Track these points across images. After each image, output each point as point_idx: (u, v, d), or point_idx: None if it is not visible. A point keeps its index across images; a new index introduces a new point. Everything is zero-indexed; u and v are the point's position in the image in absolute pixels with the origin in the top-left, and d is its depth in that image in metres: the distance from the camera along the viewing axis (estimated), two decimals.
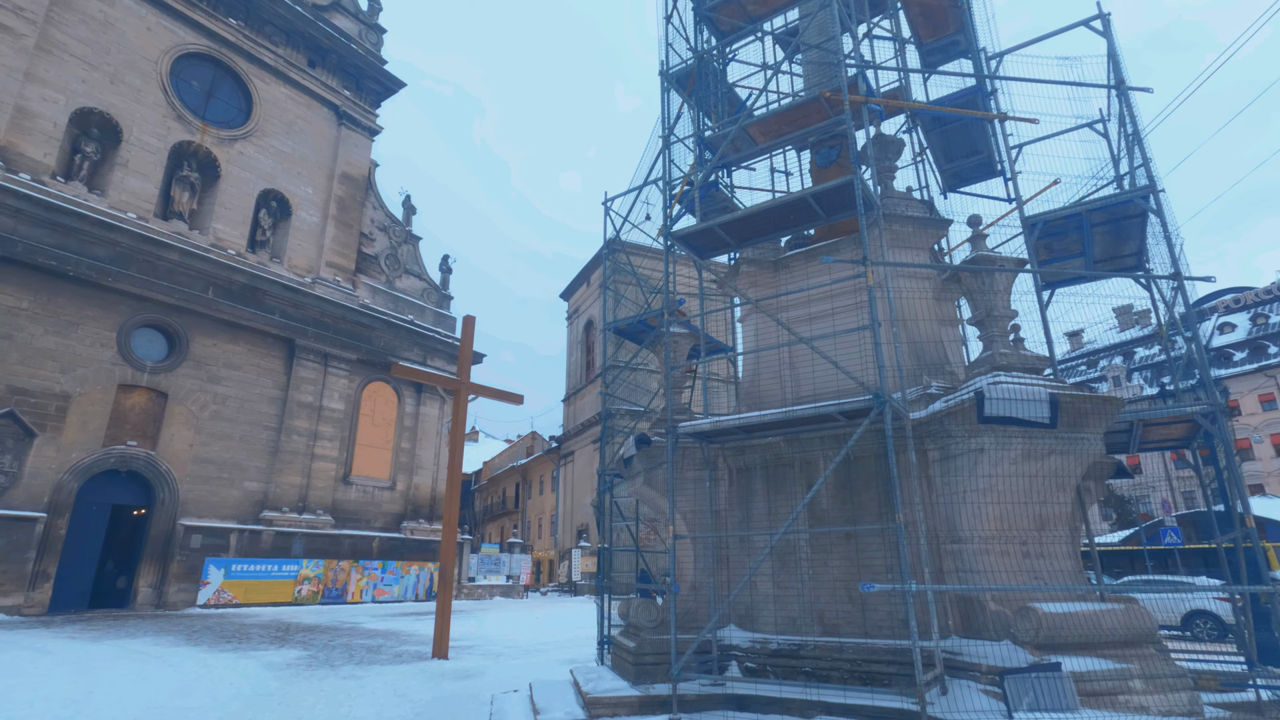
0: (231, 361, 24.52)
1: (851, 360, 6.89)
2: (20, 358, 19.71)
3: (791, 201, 6.87)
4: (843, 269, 7.06)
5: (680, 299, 7.98)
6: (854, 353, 6.95)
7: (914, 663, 5.15)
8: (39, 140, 21.17)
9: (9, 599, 18.16)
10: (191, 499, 22.65)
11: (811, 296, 8.03)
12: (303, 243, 27.86)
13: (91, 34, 22.85)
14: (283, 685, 9.20)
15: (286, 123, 28.19)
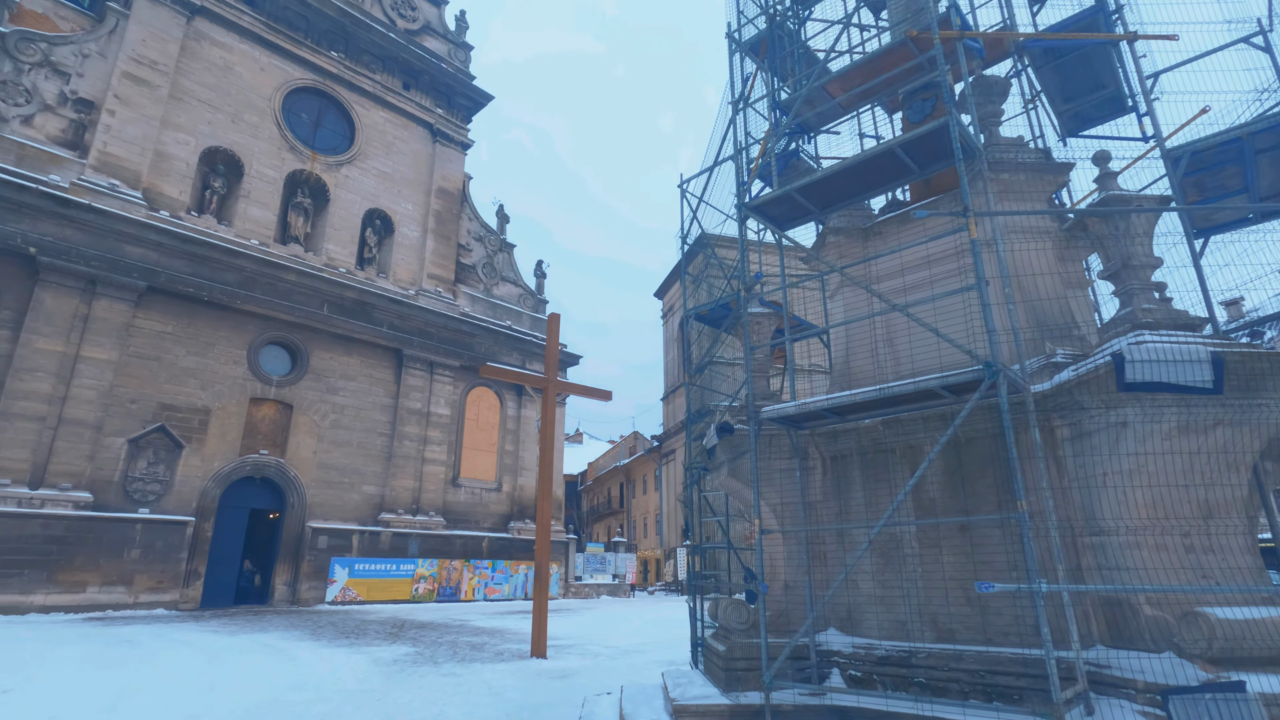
0: (347, 373, 26.06)
1: (957, 330, 6.06)
2: (168, 377, 21.80)
3: (877, 155, 6.14)
4: (940, 224, 6.23)
5: (758, 273, 7.40)
6: (960, 322, 6.11)
7: (1049, 676, 4.35)
8: (175, 179, 23.37)
9: (167, 595, 20.08)
10: (317, 502, 24.23)
11: (906, 264, 7.21)
12: (405, 257, 29.24)
13: (214, 79, 25.00)
14: (386, 681, 9.40)
15: (386, 144, 29.71)
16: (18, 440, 18.63)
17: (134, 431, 20.78)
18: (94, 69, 22.41)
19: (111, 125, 22.06)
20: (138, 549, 19.84)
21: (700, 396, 9.92)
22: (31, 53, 21.28)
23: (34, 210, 19.83)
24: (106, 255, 20.84)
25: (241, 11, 26.00)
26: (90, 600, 18.70)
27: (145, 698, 8.07)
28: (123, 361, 20.89)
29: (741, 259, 7.02)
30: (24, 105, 20.90)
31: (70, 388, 19.69)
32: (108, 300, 20.77)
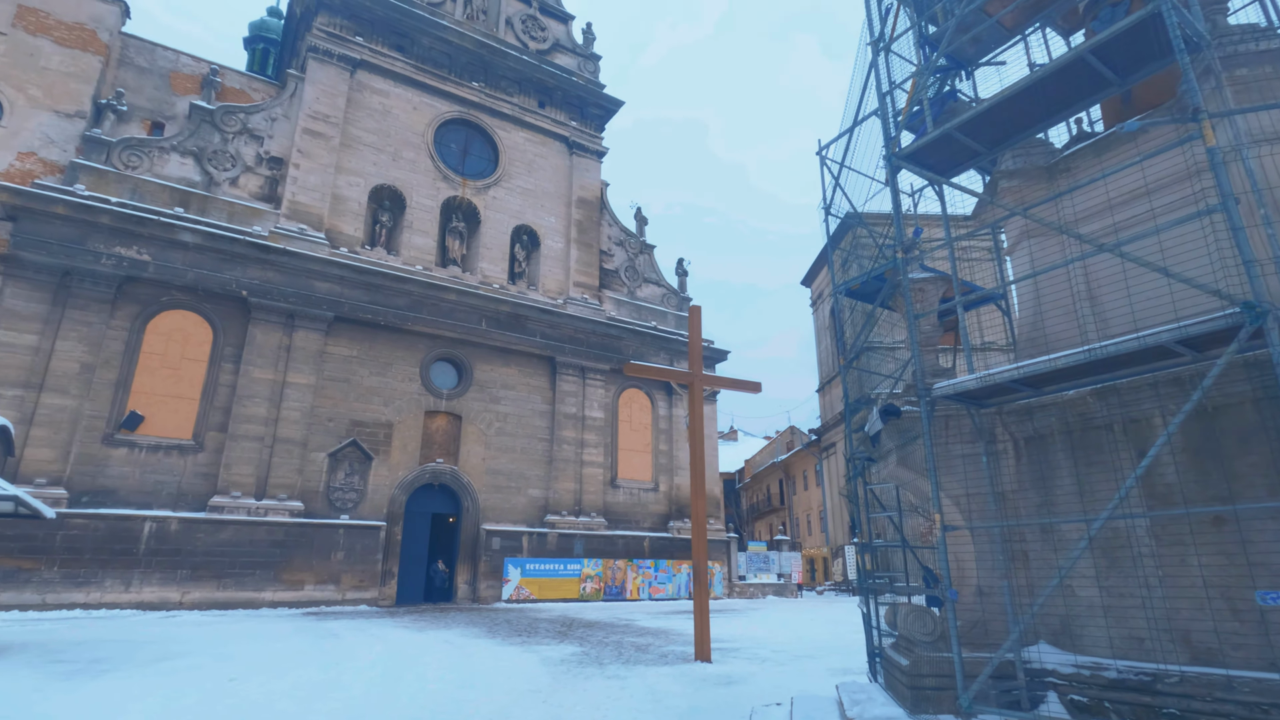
0: (506, 383, 27.46)
1: (1195, 271, 4.80)
2: (356, 396, 24.19)
3: (1063, 68, 5.04)
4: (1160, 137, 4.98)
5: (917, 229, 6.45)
6: (1197, 262, 4.84)
7: None
8: (350, 218, 25.95)
9: (368, 592, 22.20)
10: (488, 506, 25.72)
11: (1113, 201, 5.91)
12: (552, 268, 30.33)
13: (376, 123, 27.49)
14: (552, 682, 9.45)
15: (526, 162, 31.05)
16: (244, 458, 21.52)
17: (332, 446, 23.26)
18: (281, 130, 25.48)
19: (297, 177, 24.94)
20: (342, 551, 22.15)
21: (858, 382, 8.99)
22: (233, 123, 24.62)
23: (244, 258, 22.86)
24: (301, 292, 23.55)
25: (394, 59, 28.39)
26: (307, 597, 21.12)
27: (340, 693, 8.68)
28: (319, 384, 23.47)
29: (895, 218, 6.13)
30: (230, 169, 24.22)
31: (280, 410, 22.44)
32: (304, 331, 23.45)
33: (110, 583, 18.69)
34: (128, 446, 20.31)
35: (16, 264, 19.78)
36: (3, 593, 17.30)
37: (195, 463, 21.15)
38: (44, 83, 22.32)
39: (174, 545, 19.75)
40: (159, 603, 19.06)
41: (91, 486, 19.52)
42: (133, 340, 21.10)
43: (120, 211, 21.07)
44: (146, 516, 19.62)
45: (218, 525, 20.44)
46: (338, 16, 27.32)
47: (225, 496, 20.89)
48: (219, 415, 21.78)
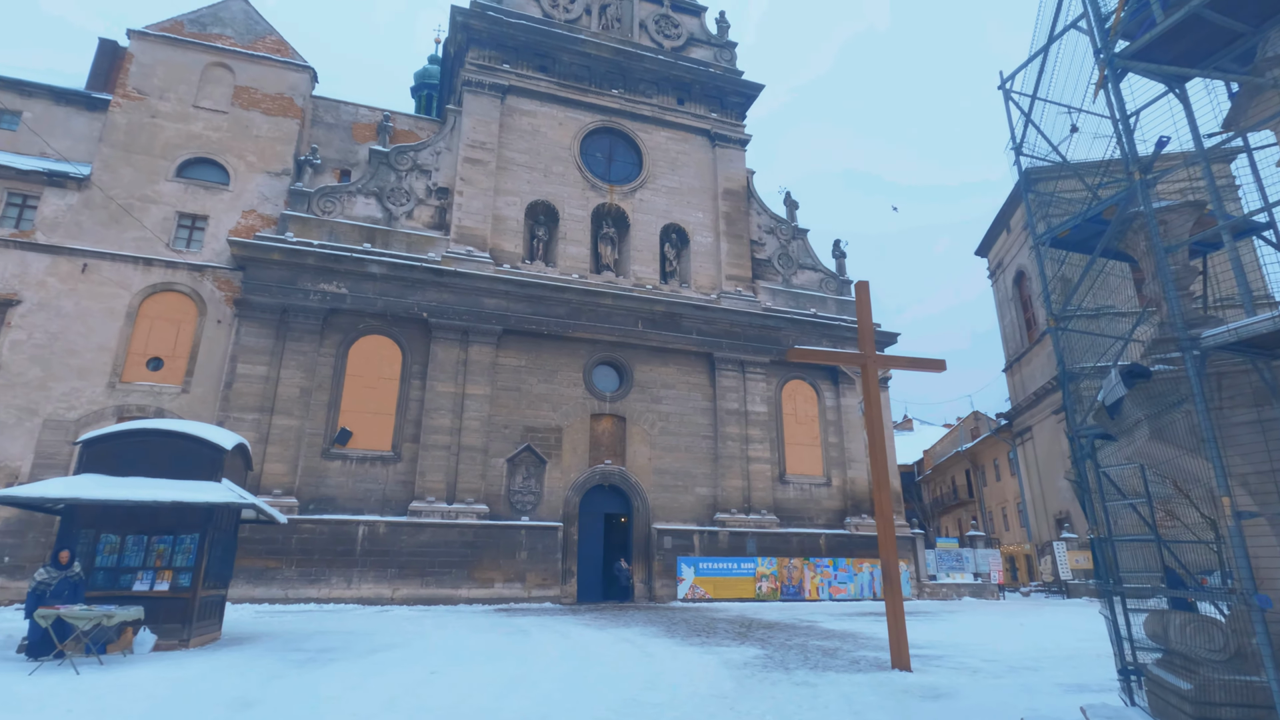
0: (666, 382, 27.51)
1: None
2: (527, 403, 25.43)
3: None
4: None
5: (1162, 137, 5.17)
6: None
7: None
8: (509, 236, 27.41)
9: (550, 590, 23.15)
10: (657, 505, 25.85)
11: None
12: (703, 263, 29.98)
13: (526, 143, 28.85)
14: (736, 687, 8.98)
15: (670, 161, 31.00)
16: (435, 466, 23.38)
17: (509, 452, 24.61)
18: (445, 162, 27.55)
19: (462, 203, 26.79)
20: (525, 551, 23.32)
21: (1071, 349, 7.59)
22: (405, 162, 27.00)
23: (422, 283, 24.93)
24: (472, 309, 25.22)
25: (539, 79, 29.64)
26: (497, 594, 22.45)
27: (531, 689, 8.84)
28: (494, 394, 24.95)
29: (1123, 133, 4.95)
30: (406, 204, 26.56)
31: (462, 420, 24.13)
32: (478, 345, 25.06)
33: (335, 580, 21.08)
34: (341, 459, 22.87)
35: (247, 306, 23.04)
36: (255, 588, 20.12)
37: (395, 471, 23.33)
38: (257, 149, 25.89)
39: (383, 546, 21.89)
40: (374, 598, 21.18)
41: (315, 495, 22.19)
42: (338, 365, 23.75)
43: (321, 252, 23.84)
44: (360, 521, 21.94)
45: (417, 528, 22.36)
46: (486, 49, 29.05)
47: (422, 501, 22.81)
48: (411, 428, 23.86)
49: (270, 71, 26.95)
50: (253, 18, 27.66)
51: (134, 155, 24.34)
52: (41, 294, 22.19)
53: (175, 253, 23.79)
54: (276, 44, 27.56)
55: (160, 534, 11.90)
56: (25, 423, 20.99)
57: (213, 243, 24.28)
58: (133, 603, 11.08)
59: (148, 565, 11.76)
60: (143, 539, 11.83)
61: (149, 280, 23.29)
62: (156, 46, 25.84)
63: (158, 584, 11.66)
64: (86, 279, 22.66)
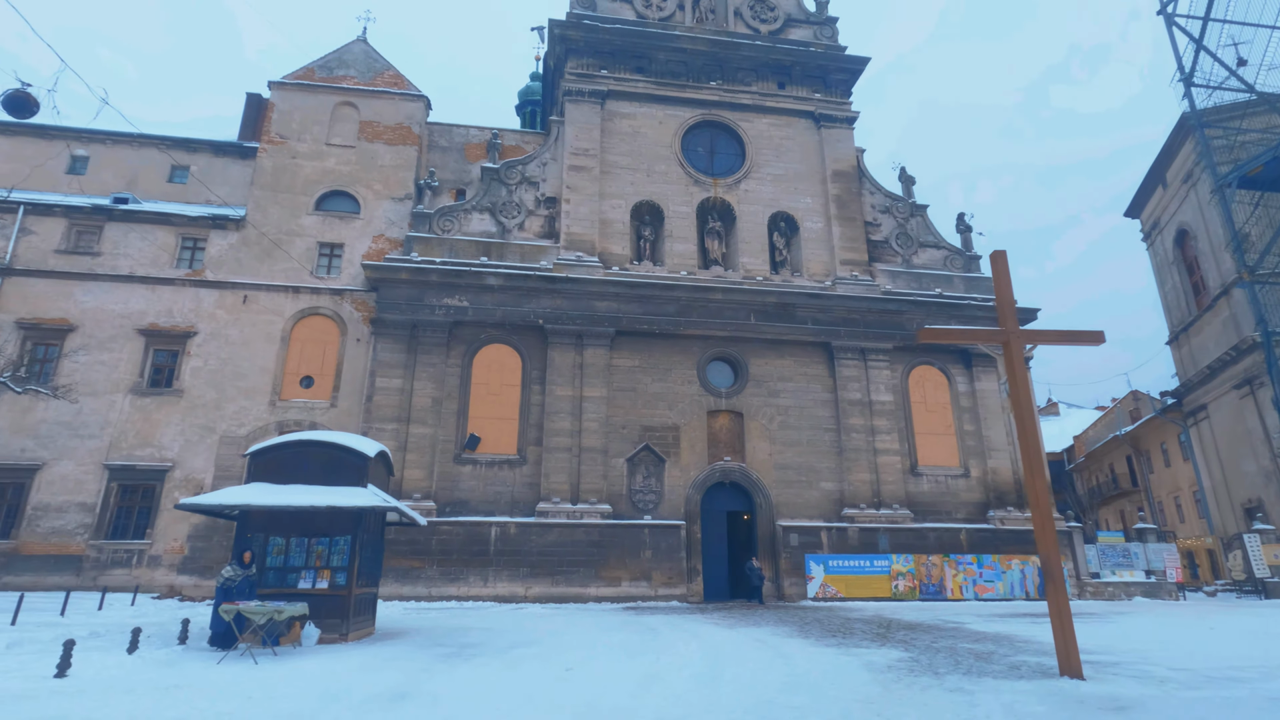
0: (783, 375, 26.74)
1: None
2: (643, 403, 25.58)
3: None
4: None
5: None
6: None
7: None
8: (616, 238, 27.72)
9: (676, 589, 23.12)
10: (781, 502, 25.16)
11: None
12: (815, 250, 28.91)
13: (628, 146, 29.08)
14: (883, 692, 8.41)
15: (774, 148, 30.16)
16: (558, 468, 24.03)
17: (628, 452, 24.84)
18: (551, 172, 28.32)
19: (569, 210, 27.42)
20: (649, 549, 23.43)
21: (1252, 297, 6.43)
22: (514, 176, 28.02)
23: (536, 291, 25.74)
24: (585, 313, 25.73)
25: (636, 81, 29.80)
26: (624, 592, 22.69)
27: (665, 687, 8.74)
28: (610, 395, 25.29)
29: None
30: (517, 216, 27.55)
31: (581, 422, 24.65)
32: (592, 348, 25.52)
33: (473, 578, 22.15)
34: (471, 464, 24.03)
35: (381, 324, 24.76)
36: (403, 586, 21.52)
37: (521, 474, 24.21)
38: (382, 178, 27.81)
39: (514, 546, 22.75)
40: (509, 596, 22.05)
41: (450, 499, 23.44)
42: (464, 374, 25.00)
43: (443, 269, 25.20)
44: (492, 522, 22.94)
45: (545, 528, 23.06)
46: (584, 57, 29.59)
47: (547, 503, 23.50)
48: (534, 431, 24.67)
49: (390, 104, 28.89)
50: (372, 56, 29.78)
51: (279, 194, 26.87)
52: (213, 324, 24.98)
53: (318, 279, 26.01)
54: (394, 78, 29.50)
55: (318, 536, 12.92)
56: (206, 439, 23.69)
57: (349, 268, 26.33)
58: (298, 599, 12.09)
59: (309, 565, 12.80)
60: (304, 541, 12.89)
61: (298, 306, 25.61)
62: (293, 94, 28.41)
63: (318, 582, 12.66)
64: (247, 309, 25.25)
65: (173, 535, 22.65)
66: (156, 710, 7.18)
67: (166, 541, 22.62)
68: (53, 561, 21.81)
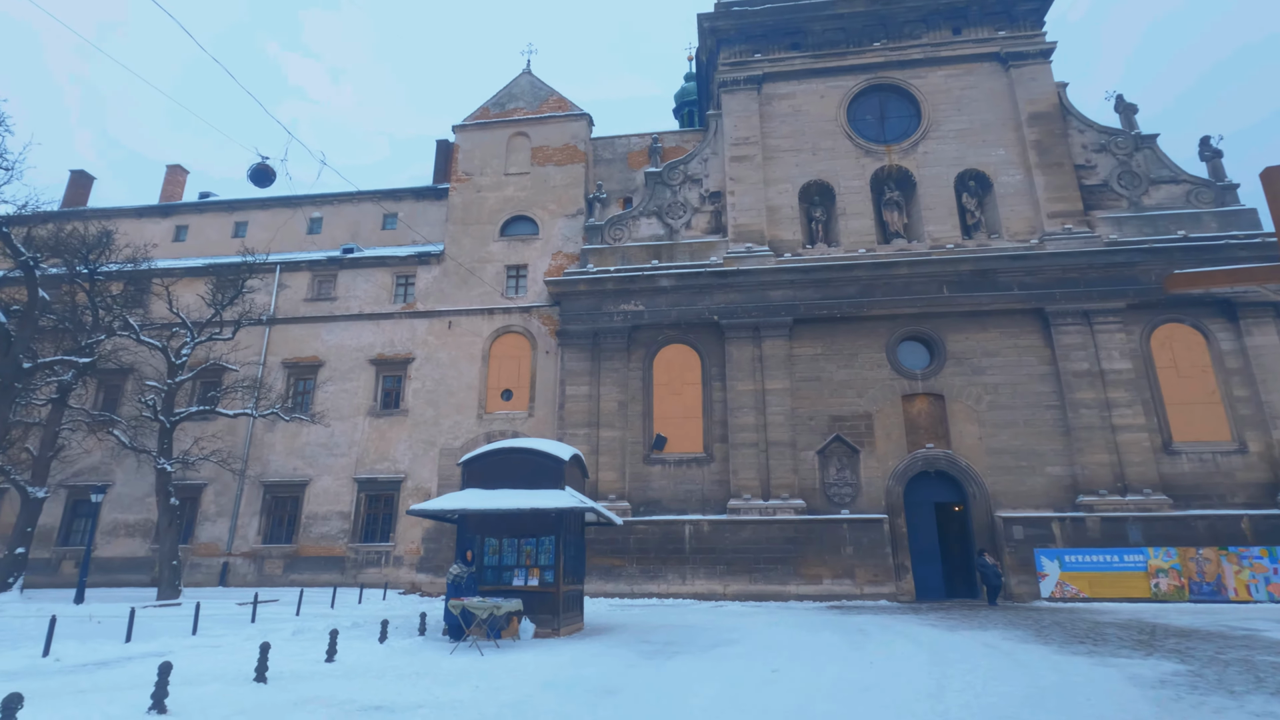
0: (987, 349, 24.03)
1: None
2: (829, 391, 24.36)
3: None
4: None
5: None
6: None
7: None
8: (785, 224, 26.75)
9: (884, 588, 21.64)
10: (998, 490, 22.57)
11: None
12: (1014, 206, 25.67)
13: (789, 127, 27.99)
14: (1159, 712, 7.02)
15: (953, 101, 27.31)
16: (746, 464, 23.65)
17: (817, 444, 23.78)
18: (713, 167, 28.09)
19: (734, 202, 26.99)
20: (850, 546, 22.20)
21: None
22: (676, 176, 28.20)
23: (708, 288, 25.63)
24: (759, 304, 25.12)
25: (791, 58, 28.61)
26: (826, 591, 21.70)
27: (880, 696, 8.05)
28: (793, 387, 24.41)
29: None
30: (683, 216, 27.68)
31: (766, 416, 24.05)
32: (770, 340, 24.83)
33: (671, 576, 22.50)
34: (660, 464, 24.46)
35: (566, 336, 26.13)
36: (606, 584, 22.43)
37: (710, 472, 24.18)
38: (555, 198, 29.43)
39: (709, 544, 22.75)
40: (707, 593, 22.07)
41: (643, 498, 24.04)
42: (646, 377, 25.56)
43: (617, 276, 26.01)
44: (685, 521, 23.14)
45: (738, 525, 22.79)
46: (736, 45, 29.02)
47: (738, 500, 23.21)
48: (718, 428, 24.54)
49: (556, 127, 30.52)
50: (537, 85, 31.70)
51: (469, 226, 29.50)
52: (426, 350, 28.02)
53: (508, 299, 28.14)
54: (558, 102, 31.14)
55: (526, 537, 13.81)
56: (429, 452, 26.58)
57: (533, 286, 28.16)
58: (514, 596, 12.99)
59: (520, 564, 13.72)
60: (514, 541, 13.85)
61: (493, 326, 27.88)
62: (473, 133, 31.10)
63: (529, 580, 13.52)
64: (452, 333, 28.00)
65: (410, 538, 25.70)
66: (402, 694, 7.99)
67: (406, 544, 25.71)
68: (322, 562, 25.76)
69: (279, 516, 26.86)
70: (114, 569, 25.88)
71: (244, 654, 10.24)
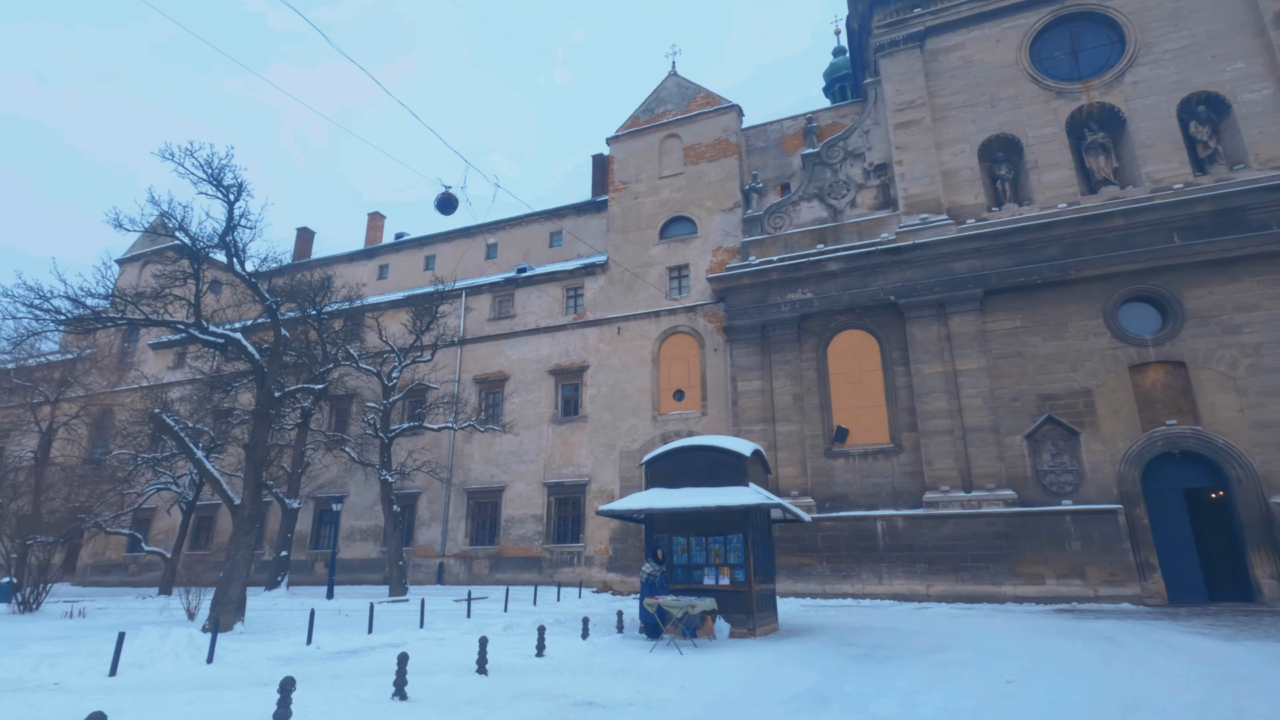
0: (1240, 303, 20.01)
1: None
2: (1035, 368, 21.66)
3: None
4: None
5: None
6: None
7: None
8: (965, 188, 24.28)
9: (1125, 589, 18.74)
10: (1271, 471, 18.64)
11: None
12: (1264, 128, 21.17)
13: (960, 81, 25.41)
14: None
15: (1166, 16, 23.17)
16: (940, 453, 21.71)
17: (1025, 427, 21.21)
18: (875, 138, 26.29)
19: (903, 172, 25.01)
20: (1076, 541, 19.51)
21: None
22: (835, 154, 26.74)
23: (881, 267, 23.96)
24: (941, 279, 23.00)
25: (956, 5, 25.96)
26: (1051, 592, 19.22)
27: (1155, 715, 6.77)
28: (990, 365, 22.02)
29: None
30: (846, 194, 26.17)
31: (960, 400, 21.92)
32: (958, 316, 22.63)
33: (865, 575, 21.21)
34: (843, 457, 23.22)
35: (733, 331, 25.75)
36: (795, 583, 21.67)
37: (899, 463, 22.51)
38: (710, 194, 29.20)
39: (904, 541, 21.15)
40: (908, 594, 20.49)
41: (827, 494, 22.95)
42: (820, 366, 24.43)
43: (781, 265, 25.17)
44: (875, 516, 21.73)
45: (937, 520, 20.96)
46: (891, 3, 26.95)
47: (935, 492, 21.35)
48: (905, 416, 22.78)
49: (706, 124, 30.31)
50: (683, 85, 31.73)
51: (629, 233, 30.17)
52: (598, 357, 29.03)
53: (672, 301, 28.34)
54: (706, 98, 30.93)
55: (713, 535, 13.62)
56: (609, 455, 27.47)
57: (696, 284, 28.11)
58: (705, 595, 12.84)
59: (709, 563, 13.55)
60: (702, 540, 13.72)
61: (660, 328, 28.22)
62: (626, 143, 31.82)
63: (720, 579, 13.30)
64: (621, 339, 28.75)
65: (598, 539, 26.69)
66: (611, 691, 8.09)
67: (595, 544, 26.75)
68: (521, 562, 27.57)
69: (481, 520, 29.18)
70: (353, 569, 29.63)
71: (465, 647, 11.04)
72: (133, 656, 9.86)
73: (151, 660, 9.99)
